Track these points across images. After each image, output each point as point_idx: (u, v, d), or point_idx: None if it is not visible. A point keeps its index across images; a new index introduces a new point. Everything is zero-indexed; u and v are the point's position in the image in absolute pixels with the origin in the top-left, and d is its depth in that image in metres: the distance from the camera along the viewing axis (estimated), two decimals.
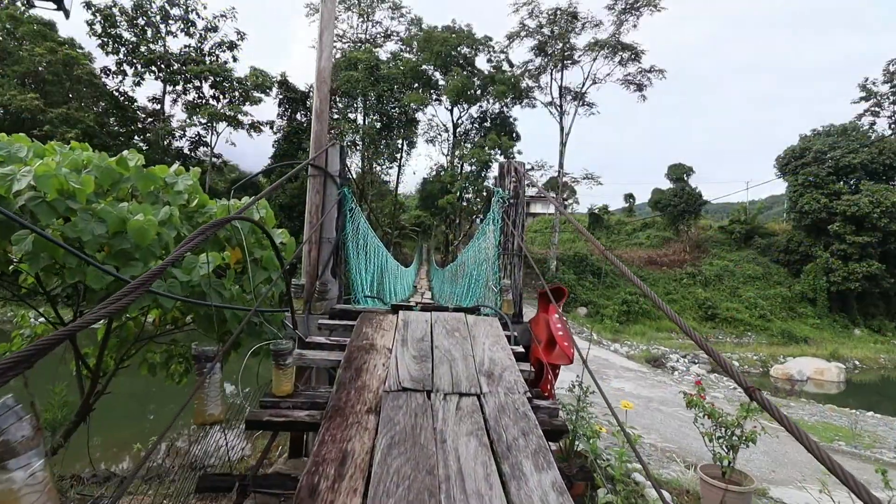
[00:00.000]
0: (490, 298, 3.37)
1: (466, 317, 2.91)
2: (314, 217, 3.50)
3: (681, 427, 8.53)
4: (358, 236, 3.75)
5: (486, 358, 2.23)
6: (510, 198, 3.51)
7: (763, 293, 31.10)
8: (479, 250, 4.23)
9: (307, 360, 2.31)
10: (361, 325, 2.63)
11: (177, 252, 1.39)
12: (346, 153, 3.63)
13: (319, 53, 3.46)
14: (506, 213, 3.49)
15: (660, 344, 23.30)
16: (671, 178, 36.18)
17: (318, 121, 3.60)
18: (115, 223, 3.47)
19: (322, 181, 3.56)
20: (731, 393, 12.45)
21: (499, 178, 3.70)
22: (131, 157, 4.15)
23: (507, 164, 3.63)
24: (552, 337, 2.67)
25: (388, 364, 2.07)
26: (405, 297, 9.31)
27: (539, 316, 2.98)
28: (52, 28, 32.88)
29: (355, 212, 3.64)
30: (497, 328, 2.73)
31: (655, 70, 31.13)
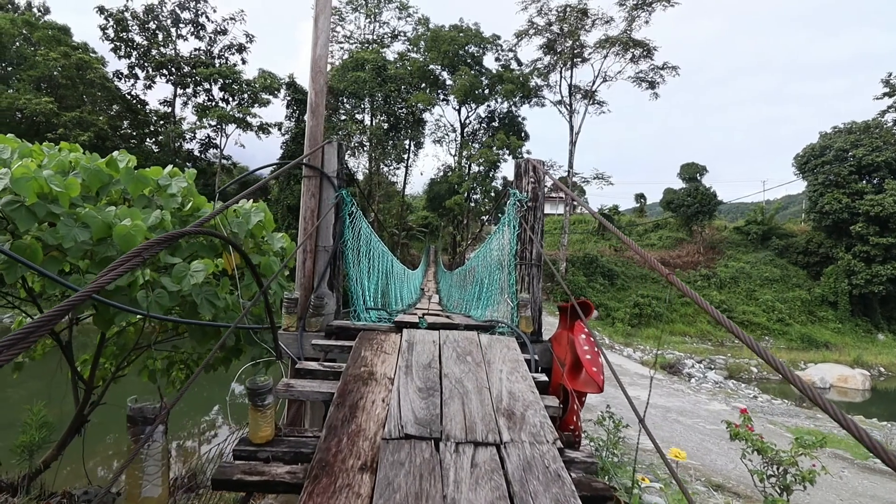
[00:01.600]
0: (504, 312, 3.05)
1: (479, 336, 2.60)
2: (308, 223, 3.17)
3: (703, 441, 8.12)
4: (360, 242, 3.43)
5: (504, 391, 1.91)
6: (528, 201, 3.15)
7: (781, 296, 30.36)
8: (491, 257, 3.91)
9: (295, 393, 1.99)
10: (360, 347, 2.32)
11: (122, 262, 1.13)
12: (344, 151, 3.38)
13: (315, 40, 3.06)
14: (523, 218, 3.11)
15: (674, 348, 22.78)
16: (684, 178, 35.51)
17: (312, 116, 3.23)
18: (100, 229, 3.21)
19: (317, 183, 3.23)
20: (753, 403, 11.99)
21: (515, 179, 3.31)
22: (122, 158, 3.90)
23: (525, 162, 3.24)
24: (578, 359, 2.35)
25: (389, 400, 1.76)
26: (412, 302, 9.00)
27: (561, 334, 2.65)
28: (66, 33, 33.16)
29: (356, 216, 3.32)
30: (515, 351, 2.41)
31: (668, 67, 30.55)
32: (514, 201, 3.18)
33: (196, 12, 36.59)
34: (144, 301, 3.15)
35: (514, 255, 3.05)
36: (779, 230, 35.79)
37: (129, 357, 4.99)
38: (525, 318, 2.94)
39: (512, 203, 3.19)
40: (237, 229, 4.00)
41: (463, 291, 6.65)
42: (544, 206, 3.10)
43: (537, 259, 3.13)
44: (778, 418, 10.71)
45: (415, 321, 2.92)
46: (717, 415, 10.21)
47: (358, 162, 34.72)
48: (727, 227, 38.09)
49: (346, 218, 3.21)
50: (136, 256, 1.15)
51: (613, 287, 30.95)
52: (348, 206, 3.27)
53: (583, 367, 2.28)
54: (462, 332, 2.68)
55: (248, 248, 4.63)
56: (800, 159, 33.19)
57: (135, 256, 1.14)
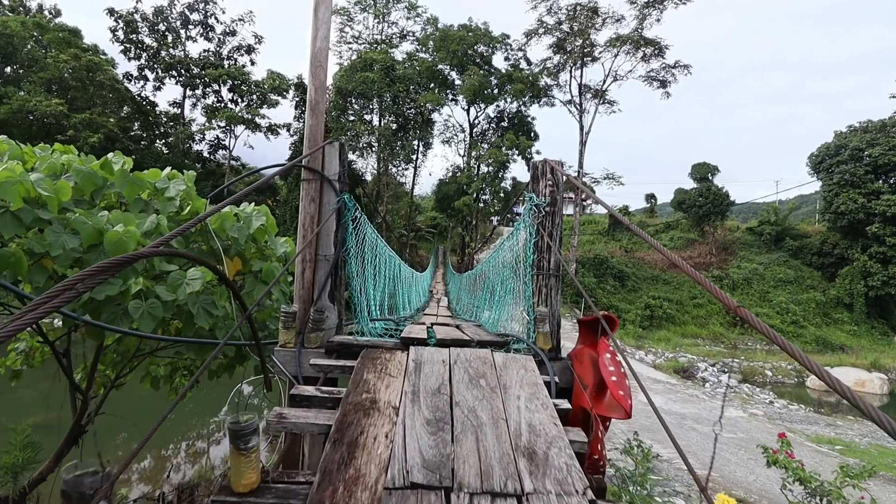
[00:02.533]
0: (519, 325, 2.83)
1: (493, 355, 2.38)
2: (308, 230, 2.92)
3: (720, 451, 7.84)
4: (364, 248, 3.21)
5: (523, 423, 1.70)
6: (546, 205, 2.89)
7: (795, 298, 29.80)
8: (503, 264, 3.69)
9: (289, 425, 1.77)
10: (362, 368, 2.12)
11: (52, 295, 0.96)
12: (346, 152, 3.12)
13: (315, 32, 2.85)
14: (540, 225, 2.86)
15: (686, 351, 22.39)
16: (695, 178, 35.01)
17: (312, 114, 2.97)
18: (91, 235, 3.04)
19: (317, 187, 2.99)
20: (769, 409, 11.66)
21: (531, 182, 3.04)
22: (117, 159, 3.74)
23: (542, 164, 2.97)
24: (602, 381, 2.14)
25: (394, 435, 1.56)
26: (420, 306, 8.79)
27: (582, 351, 2.43)
28: (76, 35, 33.40)
29: (360, 221, 3.12)
30: (533, 372, 2.20)
31: (680, 65, 30.10)
32: (530, 206, 2.93)
33: (205, 13, 36.76)
34: (137, 311, 2.98)
35: (531, 265, 2.86)
36: (793, 231, 35.15)
37: (131, 363, 4.84)
38: (543, 335, 2.71)
39: (528, 208, 2.95)
40: (237, 234, 3.83)
41: (473, 297, 6.44)
42: (561, 207, 2.88)
43: (556, 269, 2.87)
44: (797, 426, 10.38)
45: (423, 337, 2.73)
46: (734, 422, 9.91)
47: (366, 163, 34.64)
48: (739, 228, 37.48)
49: (349, 224, 3.00)
50: (69, 289, 0.95)
51: (624, 288, 30.56)
52: (351, 212, 3.06)
53: (608, 389, 2.07)
54: (474, 349, 2.46)
55: (250, 253, 4.46)
56: (814, 159, 32.57)
57: (66, 289, 0.95)
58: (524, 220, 2.81)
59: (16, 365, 5.04)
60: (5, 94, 28.02)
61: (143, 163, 31.61)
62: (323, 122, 2.86)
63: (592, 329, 2.48)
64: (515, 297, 2.95)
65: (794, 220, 40.29)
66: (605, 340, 2.23)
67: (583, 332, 2.58)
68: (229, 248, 4.00)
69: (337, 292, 2.94)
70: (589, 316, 2.48)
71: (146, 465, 8.36)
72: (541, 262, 2.86)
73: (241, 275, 4.41)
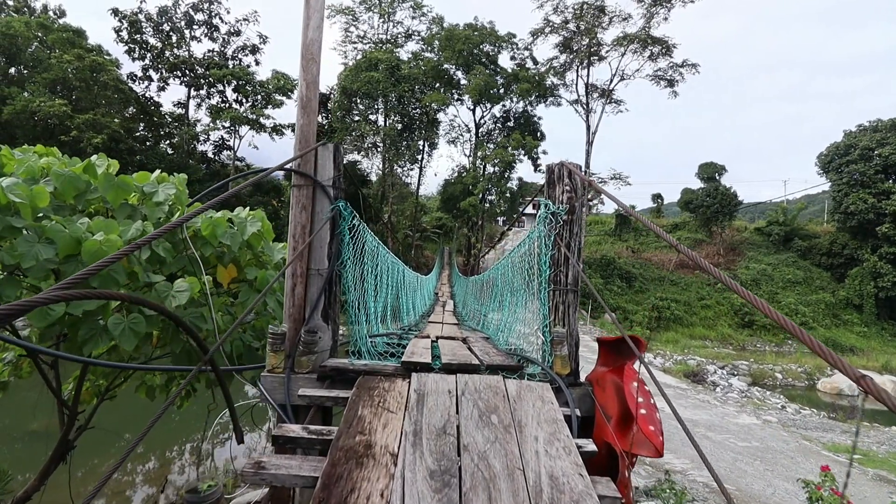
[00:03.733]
0: (531, 341, 2.57)
1: (506, 383, 2.13)
2: (299, 241, 2.63)
3: (735, 461, 7.56)
4: (364, 258, 2.96)
5: (543, 473, 1.44)
6: (564, 214, 2.61)
7: (804, 299, 29.39)
8: (513, 272, 3.45)
9: (268, 477, 1.53)
10: (358, 401, 1.87)
11: None
12: (342, 155, 2.83)
13: (306, 21, 2.58)
14: (557, 235, 2.58)
15: (694, 354, 22.06)
16: (702, 178, 34.61)
17: (304, 112, 2.63)
18: (67, 245, 2.82)
19: (309, 193, 2.68)
20: (783, 415, 11.35)
21: (546, 187, 2.75)
22: (100, 162, 3.52)
23: (559, 167, 2.70)
24: (628, 411, 1.90)
25: (391, 493, 1.32)
26: (425, 311, 8.55)
27: (605, 376, 2.18)
28: (80, 36, 33.38)
29: (358, 230, 2.91)
30: (551, 405, 1.94)
31: (688, 64, 29.74)
32: (545, 214, 2.63)
33: (210, 13, 36.68)
34: (117, 327, 2.76)
35: (547, 281, 2.57)
36: (801, 231, 34.69)
37: (125, 372, 4.64)
38: (561, 358, 2.41)
39: (542, 217, 2.64)
40: (229, 241, 3.60)
41: (480, 303, 6.20)
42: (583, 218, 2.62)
43: (574, 283, 2.60)
44: (812, 433, 10.07)
45: (426, 361, 2.44)
46: (748, 430, 9.62)
47: (371, 163, 34.47)
48: (747, 228, 37.05)
49: (345, 234, 2.73)
50: None
51: (631, 289, 30.22)
52: (347, 220, 2.77)
53: (635, 422, 1.83)
54: (484, 377, 2.21)
55: (246, 260, 4.24)
56: (823, 158, 32.11)
57: None
58: (538, 229, 2.54)
59: (3, 376, 4.84)
60: (9, 94, 28.02)
61: (148, 163, 31.61)
62: (315, 122, 2.60)
63: (615, 350, 2.24)
64: (526, 309, 2.70)
65: (801, 221, 39.82)
66: (632, 366, 1.99)
67: (604, 353, 2.33)
68: (223, 255, 3.79)
69: (331, 310, 2.66)
70: (611, 336, 2.24)
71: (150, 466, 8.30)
72: (557, 276, 2.60)
73: (236, 282, 4.20)
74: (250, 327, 4.38)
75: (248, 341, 4.03)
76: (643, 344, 2.05)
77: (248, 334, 4.23)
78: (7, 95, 28.01)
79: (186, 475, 7.91)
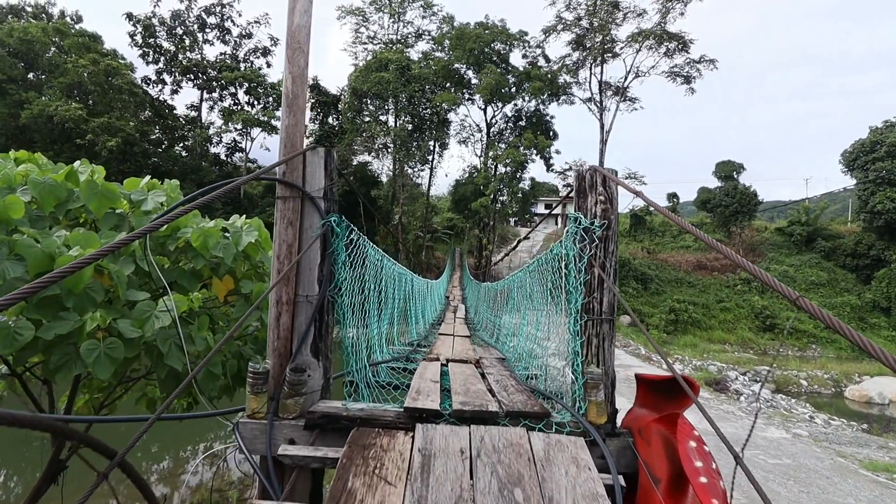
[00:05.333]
0: (553, 371, 2.23)
1: (531, 438, 1.79)
2: (284, 264, 2.24)
3: (767, 481, 7.11)
4: (364, 275, 2.63)
5: None
6: (600, 229, 2.18)
7: (828, 301, 28.46)
8: (532, 287, 3.11)
9: None
10: (349, 465, 1.52)
11: None
12: (334, 161, 2.42)
13: (292, 5, 2.22)
14: (591, 257, 2.16)
15: (714, 359, 21.43)
16: (719, 176, 33.82)
17: (289, 111, 2.26)
18: (39, 261, 2.56)
19: (297, 206, 2.29)
20: (813, 428, 10.81)
21: (576, 197, 2.30)
22: (83, 168, 3.26)
23: (591, 173, 2.26)
24: (681, 474, 1.56)
25: None
26: (435, 319, 8.23)
27: (649, 427, 1.81)
28: (96, 40, 33.73)
29: (357, 245, 2.60)
30: (588, 471, 1.56)
31: (706, 60, 29.01)
32: (575, 230, 2.21)
33: (222, 17, 36.87)
34: (91, 354, 2.48)
35: (579, 310, 2.13)
36: (825, 231, 33.67)
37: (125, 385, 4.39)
38: (596, 405, 2.01)
39: (572, 232, 2.23)
40: (222, 252, 3.31)
41: (493, 313, 5.86)
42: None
43: (610, 311, 2.17)
44: (847, 448, 9.53)
45: (433, 408, 2.05)
46: (778, 445, 9.13)
47: (382, 164, 34.30)
48: (767, 228, 36.10)
49: (340, 252, 2.38)
50: None
51: (647, 291, 29.56)
52: (342, 238, 2.38)
53: (690, 488, 1.50)
54: (504, 429, 1.86)
55: (242, 271, 3.95)
56: (848, 156, 31.12)
57: None
58: (566, 245, 2.17)
59: None
60: (26, 99, 28.34)
61: (162, 166, 31.81)
62: (303, 122, 2.27)
63: (660, 392, 1.90)
64: (549, 334, 2.36)
65: (823, 220, 38.74)
66: (686, 423, 1.65)
67: (646, 393, 1.98)
68: (218, 266, 3.51)
69: (322, 344, 2.27)
70: (655, 375, 1.90)
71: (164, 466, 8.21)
72: (590, 303, 2.16)
73: (233, 294, 3.92)
74: (252, 339, 4.09)
75: (249, 355, 3.74)
76: (696, 386, 1.71)
77: (249, 347, 3.94)
78: (25, 100, 28.36)
79: (200, 476, 7.75)
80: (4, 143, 28.14)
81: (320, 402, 2.10)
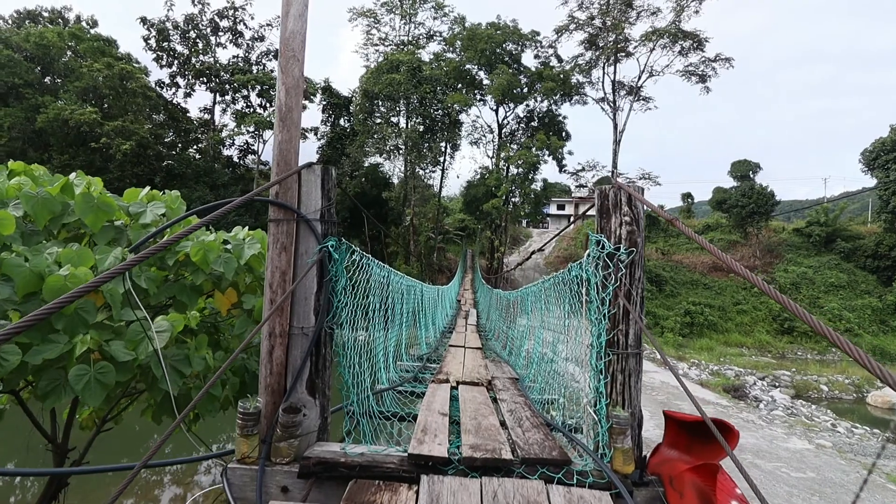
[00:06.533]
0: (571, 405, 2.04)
1: (549, 495, 1.60)
2: (277, 293, 2.04)
3: (791, 496, 6.83)
4: (368, 298, 2.44)
5: None
6: (626, 255, 1.96)
7: (849, 304, 27.76)
8: (546, 304, 2.92)
9: None
10: None
11: None
12: (333, 180, 2.23)
13: (285, 9, 2.03)
14: (617, 288, 1.94)
15: (731, 363, 20.97)
16: (735, 176, 33.17)
17: (283, 125, 2.06)
18: (28, 281, 2.44)
19: (291, 230, 2.09)
20: (838, 438, 10.45)
21: (598, 216, 2.08)
22: (79, 181, 3.15)
23: (616, 191, 2.04)
24: None
25: None
26: (445, 327, 8.05)
27: (682, 476, 1.61)
28: (111, 44, 34.15)
29: (360, 266, 2.43)
30: None
31: (721, 59, 28.48)
32: (597, 255, 1.99)
33: (234, 20, 37.10)
34: (80, 380, 2.35)
35: (603, 345, 1.93)
36: (844, 232, 32.86)
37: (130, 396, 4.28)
38: (622, 452, 1.80)
39: (593, 256, 2.01)
40: (222, 267, 3.18)
41: (507, 325, 5.66)
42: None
43: (636, 344, 1.94)
44: (872, 460, 9.17)
45: (441, 455, 1.85)
46: (801, 456, 8.81)
47: (393, 165, 34.26)
48: (785, 229, 35.34)
49: (341, 276, 2.19)
50: None
51: (662, 294, 29.09)
52: (341, 263, 2.18)
53: None
54: (519, 481, 1.68)
55: (245, 285, 3.81)
56: (868, 155, 30.33)
57: None
58: (586, 270, 1.96)
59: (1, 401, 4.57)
60: (42, 103, 28.75)
61: (176, 168, 32.08)
62: (298, 137, 2.06)
63: (694, 435, 1.71)
64: (565, 361, 2.17)
65: (842, 220, 37.84)
66: (727, 476, 1.47)
67: (677, 434, 1.78)
68: (221, 278, 3.37)
69: (319, 380, 2.07)
70: (687, 415, 1.72)
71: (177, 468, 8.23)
72: (615, 337, 1.95)
73: (237, 308, 3.79)
74: (256, 350, 3.94)
75: (254, 368, 3.60)
76: (735, 434, 1.51)
77: (254, 360, 3.80)
78: (41, 104, 28.76)
79: (213, 476, 7.70)
80: (21, 147, 28.58)
81: (316, 446, 1.93)
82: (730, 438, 1.52)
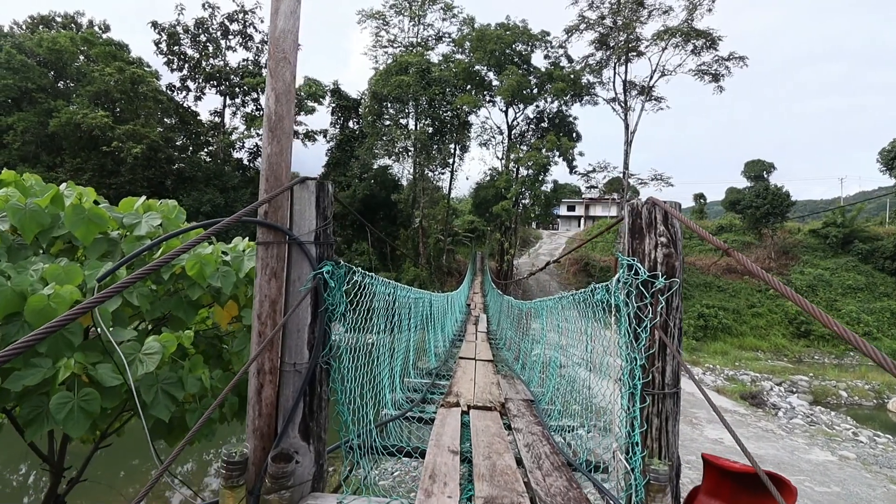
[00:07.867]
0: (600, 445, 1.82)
1: None
2: (266, 325, 1.82)
3: None
4: (370, 320, 2.22)
5: None
6: (664, 282, 1.72)
7: (867, 306, 27.11)
8: (562, 322, 2.71)
9: None
10: None
11: None
12: (330, 197, 2.01)
13: (275, 6, 1.82)
14: (655, 327, 1.70)
15: (747, 367, 20.51)
16: (748, 176, 32.56)
17: (272, 135, 1.84)
18: (8, 301, 2.28)
19: (282, 254, 1.88)
20: (861, 449, 10.08)
21: (628, 236, 1.84)
22: (69, 192, 3.00)
23: (649, 209, 1.80)
24: None
25: None
26: (455, 335, 7.84)
27: None
28: (122, 49, 34.42)
29: (363, 286, 2.23)
30: None
31: (735, 57, 27.95)
32: (629, 281, 1.76)
33: (244, 24, 37.26)
34: (62, 409, 2.18)
35: (637, 387, 1.68)
36: (862, 233, 32.12)
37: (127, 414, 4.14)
38: None
39: (624, 283, 1.78)
40: (220, 282, 3.01)
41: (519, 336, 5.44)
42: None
43: (674, 382, 1.72)
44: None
45: None
46: (824, 469, 8.49)
47: (402, 167, 34.14)
48: (800, 230, 34.64)
49: (340, 303, 1.97)
50: None
51: None
52: (338, 288, 1.95)
53: None
54: None
55: (245, 298, 3.64)
56: (886, 154, 29.64)
57: None
58: (615, 296, 1.73)
59: None
60: (55, 107, 29.02)
61: (186, 171, 32.25)
62: (290, 149, 1.83)
63: (739, 483, 1.50)
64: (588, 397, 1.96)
65: (859, 221, 37.04)
66: None
67: (718, 482, 1.57)
68: (219, 294, 3.21)
69: (314, 423, 1.85)
70: (731, 463, 1.51)
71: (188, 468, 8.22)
72: (649, 374, 1.72)
73: (237, 321, 3.63)
74: None
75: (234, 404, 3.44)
76: (793, 492, 1.30)
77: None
78: (53, 108, 29.04)
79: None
80: (34, 151, 28.87)
81: (310, 498, 1.72)
82: (787, 495, 1.31)
